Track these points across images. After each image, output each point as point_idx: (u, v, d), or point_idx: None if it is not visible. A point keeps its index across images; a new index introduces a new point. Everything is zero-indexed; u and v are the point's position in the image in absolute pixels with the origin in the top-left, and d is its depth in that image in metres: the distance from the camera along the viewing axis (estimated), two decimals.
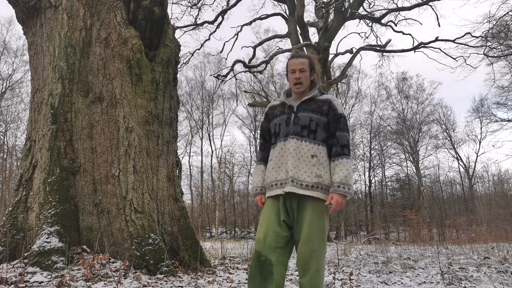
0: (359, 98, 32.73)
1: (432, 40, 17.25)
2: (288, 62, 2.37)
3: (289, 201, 2.21)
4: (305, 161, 2.20)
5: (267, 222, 2.21)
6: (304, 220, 2.16)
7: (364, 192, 33.33)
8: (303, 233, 2.14)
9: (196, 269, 4.50)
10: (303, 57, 2.36)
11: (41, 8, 5.15)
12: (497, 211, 24.38)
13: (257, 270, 2.14)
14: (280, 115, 2.34)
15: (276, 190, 2.23)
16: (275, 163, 2.27)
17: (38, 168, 4.56)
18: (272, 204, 2.25)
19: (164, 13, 5.30)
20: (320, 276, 2.14)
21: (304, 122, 2.24)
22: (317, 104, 2.28)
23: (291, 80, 2.33)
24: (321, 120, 2.25)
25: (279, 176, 2.23)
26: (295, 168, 2.18)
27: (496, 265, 5.98)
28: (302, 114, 2.26)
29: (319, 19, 18.37)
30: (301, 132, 2.23)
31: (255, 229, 14.69)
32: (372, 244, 13.73)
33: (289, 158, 2.21)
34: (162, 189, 4.82)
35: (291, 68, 2.32)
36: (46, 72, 4.97)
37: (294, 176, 2.17)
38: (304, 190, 2.16)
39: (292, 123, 2.26)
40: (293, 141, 2.22)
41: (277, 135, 2.31)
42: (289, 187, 2.17)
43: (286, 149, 2.23)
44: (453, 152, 32.09)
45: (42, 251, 3.85)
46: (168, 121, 5.17)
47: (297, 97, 2.36)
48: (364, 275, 4.82)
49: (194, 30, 19.05)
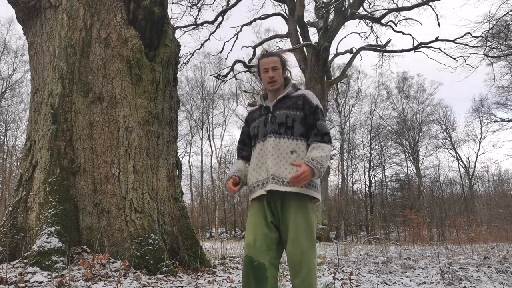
0: (359, 98, 32.76)
1: (432, 40, 17.26)
2: (259, 61, 2.35)
3: (273, 201, 2.17)
4: (285, 158, 2.16)
5: (254, 225, 2.17)
6: (289, 219, 2.10)
7: (364, 192, 33.36)
8: (290, 233, 2.09)
9: (196, 269, 4.50)
10: (274, 55, 2.34)
11: (41, 8, 5.15)
12: (497, 211, 24.37)
13: (251, 276, 2.09)
14: (258, 118, 2.34)
15: (258, 191, 2.19)
16: (255, 164, 2.26)
17: (38, 168, 4.56)
18: (257, 207, 2.21)
19: (164, 13, 5.30)
20: (313, 276, 2.08)
21: (280, 120, 2.22)
22: (292, 101, 2.26)
23: (265, 80, 2.31)
24: (297, 115, 2.23)
25: (260, 177, 2.20)
26: (275, 165, 2.15)
27: (496, 265, 5.97)
28: (278, 112, 2.25)
29: (319, 19, 18.37)
30: (279, 129, 2.21)
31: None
32: (372, 244, 13.73)
33: (268, 157, 2.18)
34: (162, 189, 4.82)
35: (264, 68, 2.31)
36: (46, 72, 4.97)
37: (274, 173, 2.13)
38: (285, 186, 2.10)
39: (269, 123, 2.25)
40: (271, 140, 2.20)
41: (256, 137, 2.31)
42: (270, 185, 2.12)
43: (265, 148, 2.21)
44: (453, 152, 32.12)
45: (42, 251, 3.85)
46: (168, 121, 5.17)
47: (272, 97, 2.36)
48: (364, 275, 4.82)
49: (194, 30, 19.06)
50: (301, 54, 17.79)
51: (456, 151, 32.02)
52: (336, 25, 17.22)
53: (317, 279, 2.24)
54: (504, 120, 25.41)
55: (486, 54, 16.95)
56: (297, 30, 18.16)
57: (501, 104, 24.73)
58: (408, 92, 33.08)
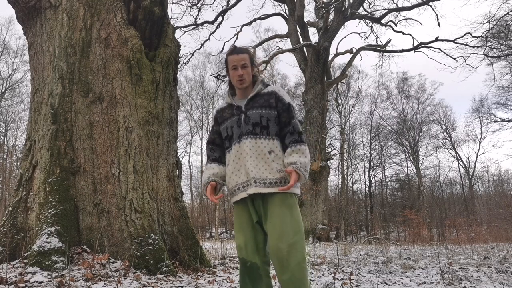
0: (359, 98, 32.76)
1: (432, 40, 17.28)
2: (227, 58, 2.27)
3: (256, 200, 2.16)
4: (263, 159, 2.14)
5: (241, 228, 2.19)
6: (274, 215, 2.08)
7: (364, 192, 33.36)
8: (276, 228, 2.05)
9: (196, 269, 4.50)
10: (243, 52, 2.27)
11: (41, 8, 5.15)
12: (497, 211, 24.37)
13: (246, 276, 2.15)
14: (230, 118, 2.27)
15: (240, 194, 2.19)
16: (233, 167, 2.21)
17: (38, 168, 4.56)
18: (241, 209, 2.22)
19: (164, 13, 5.30)
20: (303, 269, 2.02)
21: (255, 120, 2.18)
22: (264, 99, 2.23)
23: (234, 77, 2.24)
24: (271, 114, 2.20)
25: (239, 180, 2.18)
26: (255, 168, 2.13)
27: (496, 265, 5.97)
28: (252, 112, 2.20)
29: (319, 19, 18.37)
30: (254, 130, 2.17)
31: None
32: (372, 244, 13.73)
33: (247, 159, 2.15)
34: (162, 189, 4.82)
35: (233, 65, 2.24)
36: (46, 72, 4.97)
37: (255, 176, 2.12)
38: (268, 188, 2.10)
39: (243, 123, 2.20)
40: (248, 141, 2.16)
41: (230, 138, 2.25)
42: (252, 188, 2.11)
43: (242, 150, 2.17)
44: (453, 152, 32.13)
45: (42, 251, 3.85)
46: (168, 121, 5.17)
47: (241, 95, 2.30)
48: (364, 275, 4.82)
49: (194, 30, 19.07)
50: (301, 54, 17.79)
51: (456, 151, 32.06)
52: (336, 25, 17.22)
53: (318, 279, 2.24)
54: (504, 120, 25.42)
55: (486, 54, 16.96)
56: (297, 30, 18.16)
57: (501, 104, 24.75)
58: (408, 92, 33.11)
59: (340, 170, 31.19)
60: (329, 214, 23.18)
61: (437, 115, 32.64)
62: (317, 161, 15.52)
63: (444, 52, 17.42)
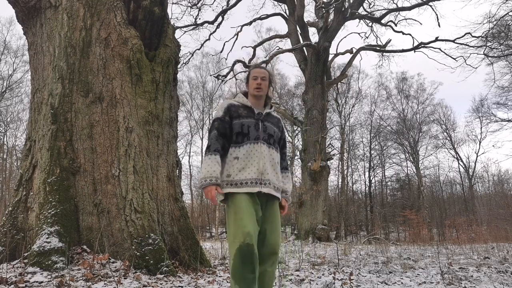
0: (359, 98, 32.75)
1: (432, 40, 17.26)
2: (250, 71, 2.59)
3: (260, 199, 2.38)
4: (273, 166, 2.44)
5: (250, 216, 2.28)
6: (272, 213, 2.41)
7: (364, 192, 33.35)
8: (277, 228, 2.40)
9: (196, 269, 4.50)
10: (265, 69, 2.59)
11: (41, 8, 5.15)
12: (497, 211, 24.38)
13: (248, 263, 2.17)
14: (247, 117, 2.46)
15: (255, 187, 2.34)
16: (244, 162, 2.37)
17: (38, 168, 4.56)
18: (249, 200, 2.33)
19: (164, 13, 5.30)
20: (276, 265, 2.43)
21: (270, 132, 2.48)
22: (275, 120, 2.58)
23: (253, 85, 2.51)
24: (278, 135, 2.56)
25: (249, 176, 2.35)
26: (271, 172, 2.42)
27: (496, 265, 5.97)
28: (268, 125, 2.50)
29: (319, 19, 18.36)
30: (269, 139, 2.46)
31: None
32: (372, 244, 13.73)
33: (266, 161, 2.39)
34: (162, 189, 4.82)
35: (254, 75, 2.52)
36: (46, 72, 4.97)
37: (271, 179, 2.39)
38: (276, 192, 2.43)
39: (261, 129, 2.45)
40: (265, 146, 2.42)
41: (245, 136, 2.41)
42: (268, 189, 2.38)
43: (260, 152, 2.39)
44: (453, 152, 32.12)
45: (42, 251, 3.85)
46: (168, 121, 5.17)
47: (254, 104, 2.53)
48: (364, 275, 4.81)
49: (194, 30, 19.06)
50: (301, 54, 17.78)
51: (456, 151, 32.05)
52: (336, 25, 17.21)
53: (318, 279, 2.37)
54: (504, 120, 25.42)
55: (486, 54, 16.96)
56: (297, 30, 18.15)
57: (501, 104, 24.75)
58: (408, 92, 33.11)
59: (340, 170, 31.20)
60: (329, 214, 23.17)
61: (437, 115, 32.67)
62: (317, 161, 15.51)
63: (444, 52, 17.42)
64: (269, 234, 2.35)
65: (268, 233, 2.35)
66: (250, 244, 2.19)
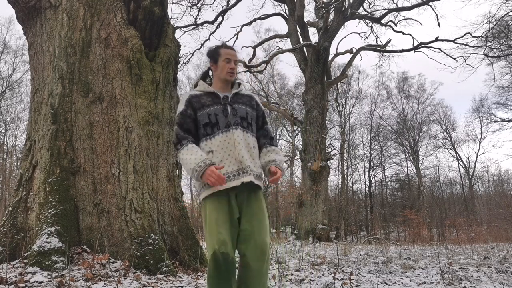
0: (359, 98, 32.76)
1: (432, 40, 17.29)
2: (221, 50, 2.28)
3: (241, 193, 2.13)
4: (250, 152, 2.19)
5: (224, 221, 2.08)
6: (257, 208, 2.15)
7: (364, 192, 33.36)
8: (263, 223, 2.13)
9: (196, 269, 4.50)
10: (236, 51, 2.32)
11: (41, 8, 5.15)
12: (497, 211, 24.38)
13: (225, 272, 2.04)
14: (211, 105, 2.20)
15: (238, 180, 2.10)
16: (221, 155, 2.12)
17: (38, 168, 4.56)
18: (220, 202, 2.10)
19: (164, 13, 5.30)
20: (268, 262, 2.16)
21: (242, 114, 2.22)
22: (246, 99, 2.31)
23: (225, 69, 2.25)
24: (253, 114, 2.30)
25: (229, 169, 2.10)
26: (249, 158, 2.16)
27: (496, 265, 5.97)
28: (238, 106, 2.24)
29: (319, 19, 18.37)
30: (242, 123, 2.20)
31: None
32: (372, 244, 13.73)
33: (241, 148, 2.13)
34: (162, 189, 4.82)
35: (226, 57, 2.25)
36: (46, 72, 4.97)
37: (250, 166, 2.14)
38: (257, 180, 2.17)
39: (230, 114, 2.19)
40: (238, 131, 2.16)
41: (214, 126, 2.16)
42: (249, 177, 2.11)
43: (233, 139, 2.13)
44: (453, 152, 32.14)
45: (42, 251, 3.85)
46: (168, 121, 5.17)
47: (220, 88, 2.28)
48: (364, 275, 4.81)
49: (194, 30, 19.08)
50: (301, 54, 17.79)
51: (456, 151, 32.07)
52: (336, 25, 17.22)
53: (318, 279, 2.27)
54: (504, 120, 25.45)
55: (486, 54, 16.97)
56: (297, 30, 18.16)
57: (501, 104, 24.78)
58: (408, 92, 33.12)
59: (340, 170, 31.20)
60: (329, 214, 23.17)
61: (437, 115, 32.69)
62: (317, 161, 15.51)
63: (444, 52, 17.45)
64: (257, 234, 2.09)
65: (255, 232, 2.09)
66: (225, 253, 2.03)
